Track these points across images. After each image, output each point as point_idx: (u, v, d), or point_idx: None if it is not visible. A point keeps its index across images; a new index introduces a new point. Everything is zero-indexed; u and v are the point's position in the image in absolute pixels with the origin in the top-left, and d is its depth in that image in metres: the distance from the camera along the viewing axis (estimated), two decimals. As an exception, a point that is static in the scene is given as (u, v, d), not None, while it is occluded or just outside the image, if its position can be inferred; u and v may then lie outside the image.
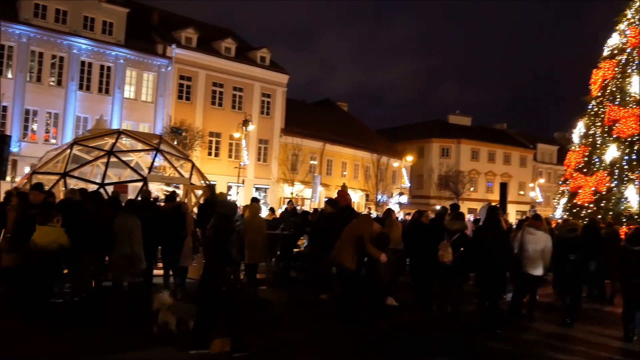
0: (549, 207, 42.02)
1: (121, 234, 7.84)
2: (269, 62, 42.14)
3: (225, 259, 6.54)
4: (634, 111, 21.59)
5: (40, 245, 7.65)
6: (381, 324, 8.59)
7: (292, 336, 7.90)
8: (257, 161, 40.38)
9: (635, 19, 23.38)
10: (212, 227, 6.69)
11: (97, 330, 7.42)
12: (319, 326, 8.60)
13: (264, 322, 8.47)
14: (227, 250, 6.50)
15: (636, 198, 20.55)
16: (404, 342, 8.08)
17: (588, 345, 8.47)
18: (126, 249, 7.81)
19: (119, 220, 7.97)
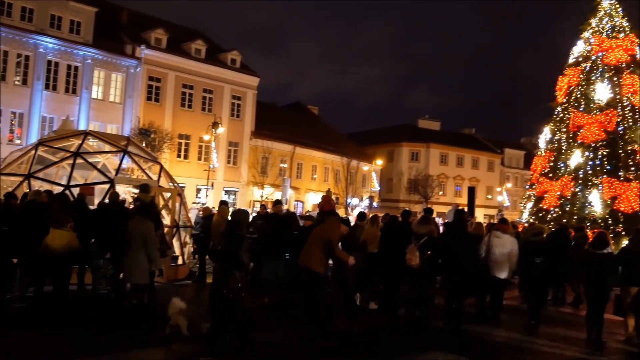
0: (516, 211, 42.75)
1: (135, 237, 7.96)
2: (240, 64, 41.99)
3: (236, 266, 6.59)
4: (598, 117, 22.08)
5: (52, 248, 7.95)
6: (352, 326, 8.62)
7: (265, 340, 7.86)
8: (226, 164, 40.17)
9: (599, 27, 23.96)
10: (224, 235, 6.77)
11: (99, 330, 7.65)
12: (289, 329, 8.58)
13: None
14: (239, 258, 6.57)
15: (600, 202, 21.02)
16: (372, 345, 8.12)
17: (552, 347, 8.63)
18: (140, 251, 7.92)
19: (133, 224, 8.10)
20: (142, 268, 8.00)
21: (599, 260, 8.84)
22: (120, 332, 7.61)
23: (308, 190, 46.59)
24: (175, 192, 13.83)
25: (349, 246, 9.17)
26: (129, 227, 8.09)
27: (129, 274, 8.15)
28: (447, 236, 9.42)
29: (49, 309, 8.06)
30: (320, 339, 8.23)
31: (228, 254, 6.63)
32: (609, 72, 23.01)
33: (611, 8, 24.24)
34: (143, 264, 7.98)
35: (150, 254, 7.98)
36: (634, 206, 20.31)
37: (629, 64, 23.01)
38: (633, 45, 23.26)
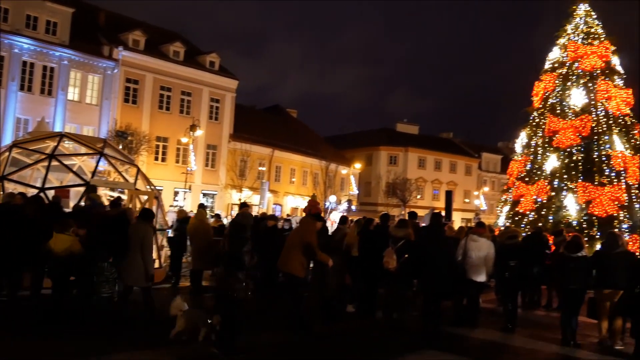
0: (493, 214, 43.15)
1: (134, 240, 8.18)
2: (218, 67, 41.84)
3: (240, 267, 6.65)
4: (573, 123, 22.39)
5: (55, 252, 8.24)
6: (332, 329, 8.63)
7: (247, 344, 7.83)
8: (204, 167, 39.95)
9: (575, 34, 24.32)
10: (226, 237, 6.76)
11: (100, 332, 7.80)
12: (271, 333, 8.53)
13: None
14: (240, 259, 6.65)
15: (575, 206, 21.31)
16: (354, 348, 8.14)
17: (528, 350, 8.73)
18: (138, 254, 8.14)
19: (133, 228, 8.34)
20: (140, 271, 8.16)
21: (574, 264, 8.97)
22: (121, 334, 7.77)
23: (287, 194, 46.54)
24: (152, 195, 13.72)
25: (327, 249, 9.18)
26: (129, 231, 8.27)
27: (127, 277, 8.29)
28: (424, 239, 9.47)
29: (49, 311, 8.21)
30: (301, 342, 8.21)
31: (232, 256, 6.69)
32: (584, 78, 23.35)
33: (586, 15, 24.62)
34: (141, 266, 8.15)
35: (145, 257, 8.16)
36: (608, 210, 20.61)
37: (603, 70, 23.37)
38: (607, 52, 23.63)
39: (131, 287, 8.36)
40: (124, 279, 8.38)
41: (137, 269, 8.17)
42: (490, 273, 10.15)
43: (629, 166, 21.67)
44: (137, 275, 8.21)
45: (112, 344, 7.22)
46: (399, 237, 9.22)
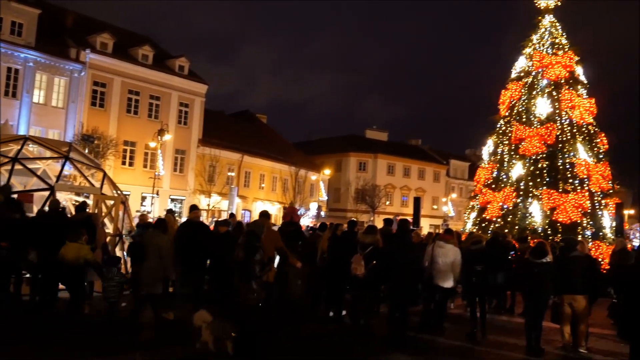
0: (461, 221, 43.62)
1: (151, 249, 8.48)
2: (188, 71, 41.55)
3: (250, 276, 6.79)
4: (539, 131, 22.78)
5: (68, 259, 8.66)
6: (298, 334, 8.62)
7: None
8: (173, 172, 39.58)
9: (540, 44, 24.80)
10: (239, 246, 7.02)
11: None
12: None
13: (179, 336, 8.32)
14: (252, 268, 6.78)
15: (540, 213, 21.67)
16: (316, 353, 8.12)
17: (493, 355, 8.82)
18: (154, 263, 8.44)
19: (149, 237, 8.69)
20: (156, 278, 8.50)
21: (538, 269, 9.12)
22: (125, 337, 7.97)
23: (256, 199, 46.36)
24: (119, 200, 13.52)
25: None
26: (145, 240, 8.63)
27: (144, 284, 8.53)
28: (391, 246, 9.52)
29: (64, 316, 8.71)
30: (270, 346, 8.17)
31: (247, 265, 6.79)
32: (549, 87, 23.79)
33: (551, 25, 25.12)
34: (157, 274, 8.48)
35: (166, 264, 8.58)
36: (572, 217, 21.00)
37: (567, 80, 23.86)
38: (571, 62, 24.14)
39: (145, 294, 8.57)
40: (141, 286, 8.59)
41: (152, 277, 8.44)
42: (458, 279, 10.26)
43: (592, 174, 22.14)
44: (152, 283, 8.48)
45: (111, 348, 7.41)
46: (367, 244, 9.25)
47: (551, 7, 25.27)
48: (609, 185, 22.86)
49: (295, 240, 10.15)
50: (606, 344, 9.94)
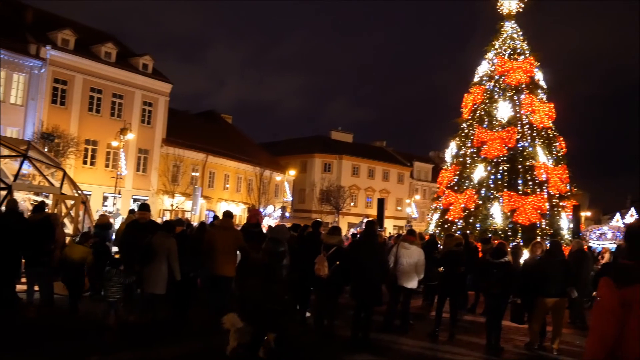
0: (424, 222, 44.11)
1: (159, 251, 8.68)
2: (152, 69, 41.02)
3: (275, 280, 6.83)
4: (500, 134, 23.21)
5: (71, 258, 9.68)
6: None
7: (167, 353, 7.72)
8: (136, 171, 39.02)
9: (502, 49, 25.29)
10: (264, 251, 7.07)
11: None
12: (185, 343, 8.47)
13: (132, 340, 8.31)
14: (277, 272, 6.86)
15: (500, 215, 22.09)
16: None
17: (454, 353, 8.96)
18: (162, 264, 8.67)
19: (157, 239, 8.84)
20: (164, 279, 8.69)
21: (496, 269, 9.32)
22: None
23: (220, 200, 46.06)
24: (79, 200, 13.31)
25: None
26: (153, 242, 8.77)
27: (151, 285, 8.69)
28: (355, 247, 9.61)
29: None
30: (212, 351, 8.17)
31: (271, 270, 6.83)
32: (510, 91, 24.26)
33: (513, 31, 25.66)
34: (164, 275, 8.68)
35: (174, 266, 8.76)
36: (531, 218, 21.46)
37: (528, 84, 24.37)
38: (532, 67, 24.67)
39: (155, 294, 8.72)
40: (147, 287, 8.74)
41: (159, 277, 8.64)
42: (421, 279, 10.41)
43: (551, 176, 22.67)
44: (158, 283, 8.66)
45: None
46: (330, 244, 9.31)
47: (513, 13, 25.81)
48: (566, 188, 23.45)
49: (258, 241, 10.22)
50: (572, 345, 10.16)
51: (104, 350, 7.51)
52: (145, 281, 8.76)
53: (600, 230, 33.18)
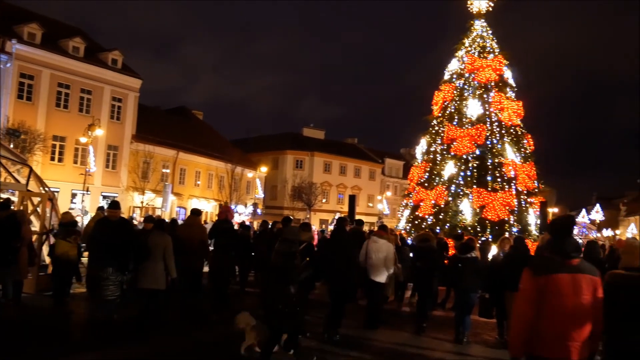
0: (395, 218, 44.44)
1: (155, 249, 8.87)
2: (121, 65, 40.49)
3: (290, 281, 6.86)
4: (469, 131, 23.44)
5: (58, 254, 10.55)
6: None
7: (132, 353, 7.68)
8: (105, 168, 38.49)
9: (472, 48, 25.55)
10: (277, 252, 7.05)
11: None
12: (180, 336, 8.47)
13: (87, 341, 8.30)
14: (291, 273, 6.87)
15: (470, 211, 22.34)
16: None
17: (422, 348, 9.07)
18: (159, 262, 8.84)
19: (153, 238, 9.04)
20: (162, 275, 8.89)
21: (463, 264, 9.48)
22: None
23: (191, 197, 45.73)
24: (46, 197, 13.07)
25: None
26: (149, 240, 8.94)
27: (151, 281, 8.80)
28: (327, 243, 9.66)
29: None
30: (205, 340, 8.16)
31: (285, 270, 6.88)
32: (479, 89, 24.52)
33: (482, 30, 25.94)
34: (163, 272, 8.89)
35: (169, 264, 8.93)
36: (500, 215, 21.74)
37: (497, 82, 24.66)
38: (501, 65, 24.95)
39: (148, 290, 8.79)
40: (143, 283, 8.80)
41: (157, 274, 8.84)
42: (391, 274, 10.51)
43: (519, 173, 22.99)
44: (158, 279, 8.84)
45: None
46: (300, 241, 9.32)
47: (483, 12, 26.08)
48: (534, 184, 23.81)
49: (229, 237, 10.48)
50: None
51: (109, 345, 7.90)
52: (143, 278, 8.84)
53: (566, 226, 33.87)
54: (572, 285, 4.32)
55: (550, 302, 4.32)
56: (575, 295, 4.31)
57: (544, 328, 4.35)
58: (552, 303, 4.31)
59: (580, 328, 4.32)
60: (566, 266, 4.38)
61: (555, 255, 4.46)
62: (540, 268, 4.47)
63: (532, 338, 4.37)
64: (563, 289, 4.31)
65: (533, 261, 5.03)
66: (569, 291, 4.31)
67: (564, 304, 4.30)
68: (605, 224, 71.52)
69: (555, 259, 4.45)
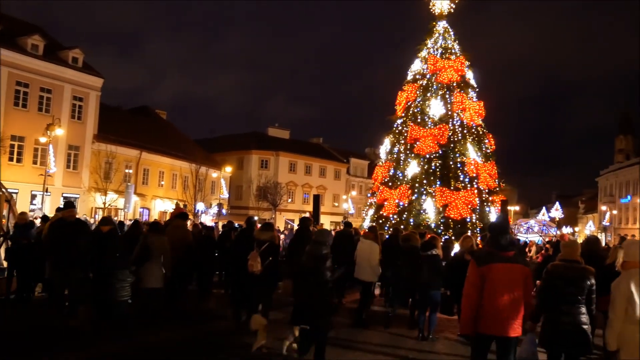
0: (360, 218, 44.70)
1: (154, 250, 9.35)
2: (82, 63, 39.74)
3: (322, 282, 7.04)
4: (432, 131, 23.72)
5: None
6: (195, 331, 8.59)
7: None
8: (66, 169, 37.74)
9: (434, 48, 25.88)
10: (308, 254, 7.24)
11: None
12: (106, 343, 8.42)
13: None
14: (323, 274, 7.05)
15: (433, 210, 22.62)
16: (212, 351, 8.18)
17: (385, 346, 9.18)
18: (158, 262, 9.37)
19: (152, 239, 9.50)
20: (160, 274, 9.40)
21: (424, 261, 9.69)
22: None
23: (155, 197, 45.21)
24: (3, 199, 12.81)
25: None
26: (149, 242, 9.40)
27: (152, 281, 9.28)
28: (290, 243, 9.72)
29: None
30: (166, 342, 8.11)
31: (318, 272, 7.04)
32: (442, 90, 24.83)
33: (444, 31, 26.29)
34: (161, 271, 9.42)
35: (167, 263, 9.50)
36: (462, 213, 22.07)
37: (459, 83, 25.02)
38: (462, 66, 25.32)
39: (149, 289, 9.26)
40: (144, 283, 9.22)
41: (156, 274, 9.34)
42: (377, 273, 10.88)
43: (481, 172, 23.38)
44: (158, 278, 9.38)
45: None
46: (263, 240, 9.35)
47: (445, 13, 26.43)
48: (495, 183, 24.24)
49: None
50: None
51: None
52: (144, 278, 9.24)
53: (527, 224, 34.68)
54: (506, 273, 5.38)
55: (488, 287, 5.36)
56: (509, 281, 5.36)
57: (484, 309, 5.36)
58: (490, 288, 5.35)
59: (513, 309, 5.32)
60: (502, 257, 5.45)
61: (493, 249, 5.56)
62: (481, 259, 5.58)
63: (477, 318, 5.39)
64: (498, 276, 5.37)
65: (476, 254, 6.15)
66: (504, 278, 5.37)
67: (500, 288, 5.33)
68: (564, 222, 73.24)
69: (493, 252, 5.55)
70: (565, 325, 5.64)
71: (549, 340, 5.80)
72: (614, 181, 75.50)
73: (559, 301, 5.72)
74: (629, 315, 5.18)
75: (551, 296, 5.81)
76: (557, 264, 6.00)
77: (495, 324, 5.33)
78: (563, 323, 5.66)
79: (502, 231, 5.66)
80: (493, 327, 5.34)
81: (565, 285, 5.74)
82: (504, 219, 7.11)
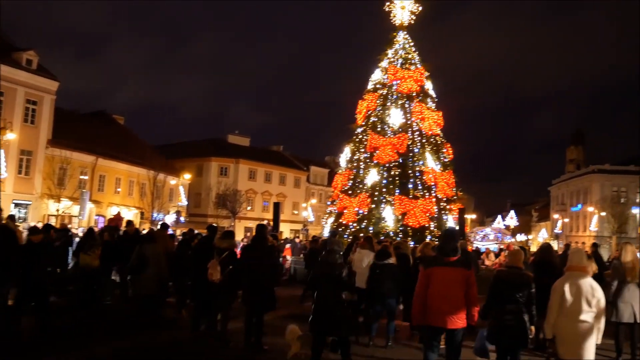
0: (319, 226, 44.76)
1: (152, 258, 9.76)
2: (37, 65, 38.72)
3: (342, 288, 7.35)
4: (392, 140, 24.01)
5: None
6: (153, 341, 8.42)
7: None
8: (17, 174, 36.57)
9: (395, 58, 26.20)
10: (325, 262, 7.47)
11: None
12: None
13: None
14: (342, 280, 7.31)
15: (392, 218, 22.83)
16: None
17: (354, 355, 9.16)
18: (154, 269, 9.75)
19: (149, 248, 9.95)
20: (155, 282, 9.80)
21: (380, 270, 9.77)
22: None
23: (111, 204, 44.28)
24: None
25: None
26: (146, 251, 9.84)
27: (149, 287, 9.66)
28: (247, 251, 9.60)
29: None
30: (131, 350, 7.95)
31: (337, 279, 7.26)
32: (402, 99, 25.17)
33: (405, 42, 26.66)
34: (155, 278, 9.79)
35: (163, 272, 9.97)
36: (421, 221, 22.37)
37: (418, 93, 25.40)
38: (422, 76, 25.74)
39: (145, 296, 9.68)
40: (141, 289, 9.72)
41: (153, 281, 9.73)
42: None
43: (439, 181, 23.76)
44: (152, 285, 9.74)
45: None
46: (223, 249, 9.24)
47: (405, 24, 26.81)
48: (452, 192, 24.66)
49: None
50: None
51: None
52: (140, 285, 9.71)
53: (483, 231, 35.28)
54: (446, 275, 6.38)
55: (432, 286, 6.38)
56: (449, 282, 6.34)
57: (429, 305, 6.36)
58: (433, 287, 6.37)
59: (453, 305, 6.29)
60: (444, 262, 6.47)
61: (438, 254, 6.68)
62: (427, 263, 6.74)
63: (425, 312, 6.38)
64: (439, 277, 6.38)
65: (423, 259, 7.61)
66: (444, 279, 6.37)
67: (441, 288, 6.34)
68: (519, 229, 74.88)
69: (438, 257, 6.66)
70: (508, 322, 6.44)
71: (495, 335, 6.63)
72: (565, 190, 77.51)
73: (504, 302, 6.51)
74: (562, 310, 6.22)
75: (497, 297, 6.61)
76: (502, 270, 6.99)
77: (437, 318, 6.32)
78: (506, 320, 6.45)
79: (448, 239, 6.71)
80: (437, 319, 6.34)
81: (509, 288, 6.53)
82: (452, 228, 9.15)
